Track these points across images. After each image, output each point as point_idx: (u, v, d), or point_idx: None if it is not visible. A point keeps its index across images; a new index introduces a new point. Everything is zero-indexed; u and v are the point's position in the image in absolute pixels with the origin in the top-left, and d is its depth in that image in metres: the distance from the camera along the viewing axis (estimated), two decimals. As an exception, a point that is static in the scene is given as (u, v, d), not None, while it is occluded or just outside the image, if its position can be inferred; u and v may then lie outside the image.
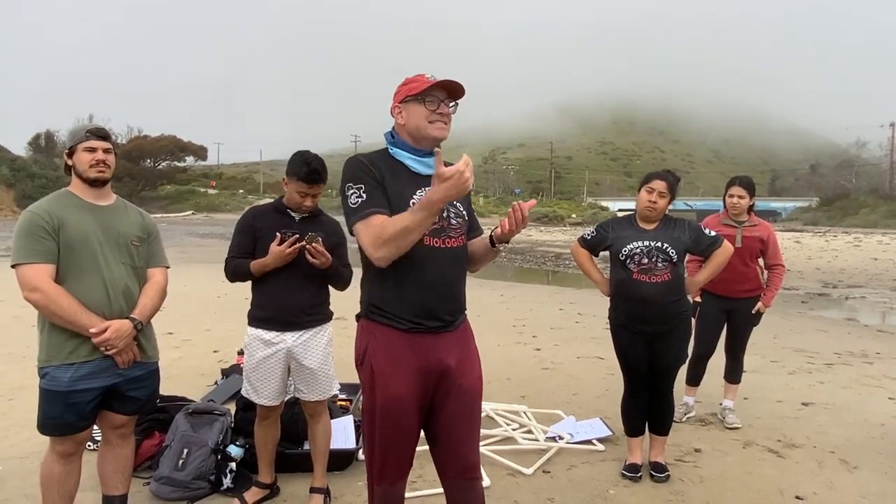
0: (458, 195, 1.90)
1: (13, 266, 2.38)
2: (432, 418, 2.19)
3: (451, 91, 2.15)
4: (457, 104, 2.19)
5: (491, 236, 2.29)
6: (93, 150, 2.47)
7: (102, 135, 2.51)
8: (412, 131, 2.14)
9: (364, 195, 2.05)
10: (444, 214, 2.15)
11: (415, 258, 2.05)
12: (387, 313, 2.12)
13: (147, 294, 2.59)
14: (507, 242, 2.28)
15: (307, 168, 2.93)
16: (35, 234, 2.36)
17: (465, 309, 2.27)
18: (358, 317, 2.24)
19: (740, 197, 4.30)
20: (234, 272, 3.03)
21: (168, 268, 2.78)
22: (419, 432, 2.20)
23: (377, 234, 1.98)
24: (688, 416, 4.51)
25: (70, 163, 2.51)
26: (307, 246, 2.86)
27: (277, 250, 2.86)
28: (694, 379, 4.57)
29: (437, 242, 2.13)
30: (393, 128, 2.21)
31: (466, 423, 2.20)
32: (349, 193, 2.08)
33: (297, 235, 2.87)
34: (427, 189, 2.07)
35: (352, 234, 2.12)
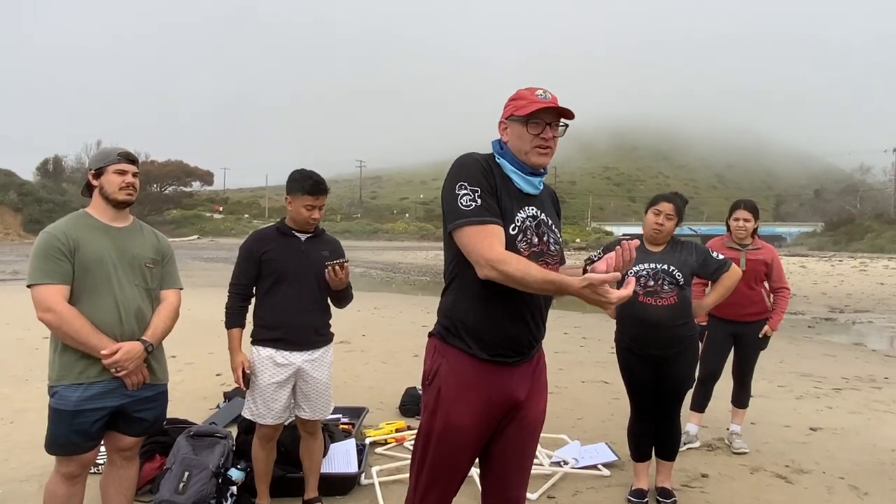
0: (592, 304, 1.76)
1: (28, 286, 2.39)
2: (489, 444, 2.09)
3: (563, 113, 2.03)
4: (566, 125, 2.07)
5: (586, 269, 2.17)
6: (123, 172, 2.52)
7: (132, 159, 2.57)
8: (515, 152, 2.04)
9: (479, 200, 1.91)
10: (545, 238, 2.06)
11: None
12: (469, 340, 1.99)
13: (159, 316, 2.60)
14: None
15: (311, 181, 3.02)
16: (51, 255, 2.38)
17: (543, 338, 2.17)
18: (432, 334, 2.11)
19: (745, 220, 4.29)
20: (228, 311, 3.12)
21: (181, 289, 2.78)
22: (473, 463, 2.11)
23: (500, 252, 1.84)
24: (689, 445, 4.35)
25: (95, 183, 2.53)
26: (333, 267, 2.96)
27: (236, 368, 3.02)
28: (699, 404, 4.49)
29: None
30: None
31: (520, 456, 2.12)
32: (461, 193, 1.92)
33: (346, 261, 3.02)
34: (530, 209, 2.03)
35: (449, 233, 1.96)
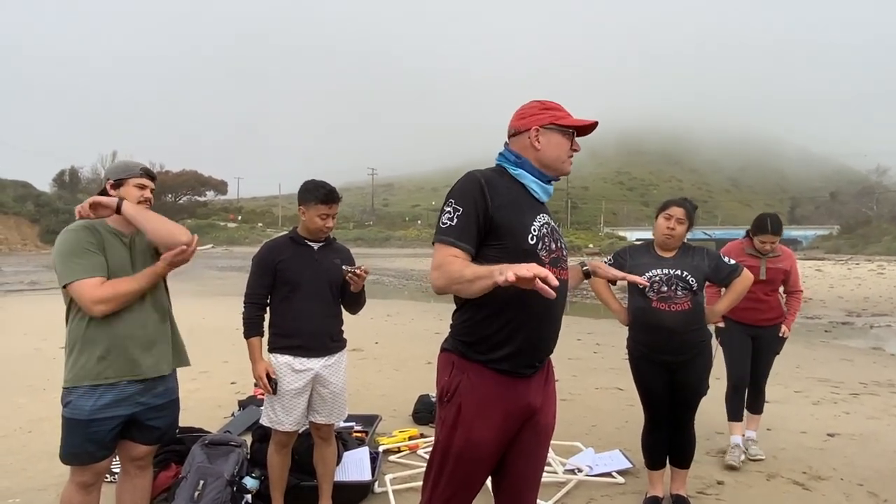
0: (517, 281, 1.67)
1: (65, 286, 2.38)
2: (504, 453, 2.09)
3: (582, 129, 2.12)
4: None
5: (587, 270, 2.30)
6: (143, 187, 2.57)
7: (153, 176, 2.64)
8: (548, 160, 2.06)
9: (456, 220, 1.93)
10: (558, 244, 2.07)
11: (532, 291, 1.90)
12: (490, 354, 1.98)
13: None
14: (614, 283, 2.27)
15: (324, 190, 3.07)
16: (84, 249, 2.40)
17: None
18: (446, 349, 2.09)
19: (773, 243, 4.24)
20: (246, 322, 3.15)
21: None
22: (489, 474, 2.11)
23: (443, 265, 1.89)
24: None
25: (113, 194, 2.55)
26: (352, 273, 3.03)
27: (261, 376, 3.04)
28: (735, 413, 4.35)
29: (554, 273, 1.89)
30: (510, 148, 2.11)
31: (533, 462, 2.13)
32: (446, 209, 1.97)
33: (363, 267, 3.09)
34: (543, 216, 2.05)
35: (433, 244, 2.02)
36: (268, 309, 3.18)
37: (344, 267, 3.05)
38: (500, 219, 1.96)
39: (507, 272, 1.65)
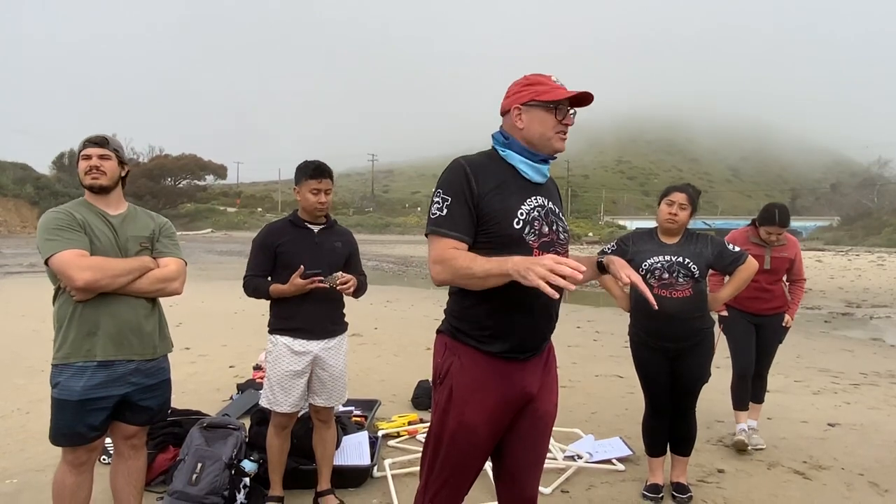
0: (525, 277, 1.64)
1: (47, 260, 2.33)
2: (502, 440, 2.06)
3: (578, 100, 2.00)
4: (575, 112, 2.04)
5: (602, 262, 2.13)
6: (88, 157, 2.48)
7: (97, 141, 2.50)
8: (533, 138, 1.98)
9: (446, 210, 1.90)
10: (554, 227, 2.01)
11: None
12: (480, 337, 1.96)
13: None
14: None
15: (312, 165, 3.08)
16: (67, 226, 2.37)
17: None
18: (440, 331, 2.08)
19: (778, 234, 4.20)
20: (255, 290, 3.11)
21: (184, 262, 2.67)
22: (485, 462, 2.08)
23: (445, 259, 1.85)
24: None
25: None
26: (337, 287, 2.99)
27: (300, 283, 2.94)
28: (740, 402, 4.34)
29: None
30: (502, 128, 2.05)
31: (533, 452, 2.09)
32: (435, 199, 1.93)
33: (321, 277, 2.96)
34: (538, 198, 1.99)
35: (426, 235, 1.97)
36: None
37: (330, 286, 2.99)
38: (486, 205, 1.92)
39: (529, 274, 1.61)
